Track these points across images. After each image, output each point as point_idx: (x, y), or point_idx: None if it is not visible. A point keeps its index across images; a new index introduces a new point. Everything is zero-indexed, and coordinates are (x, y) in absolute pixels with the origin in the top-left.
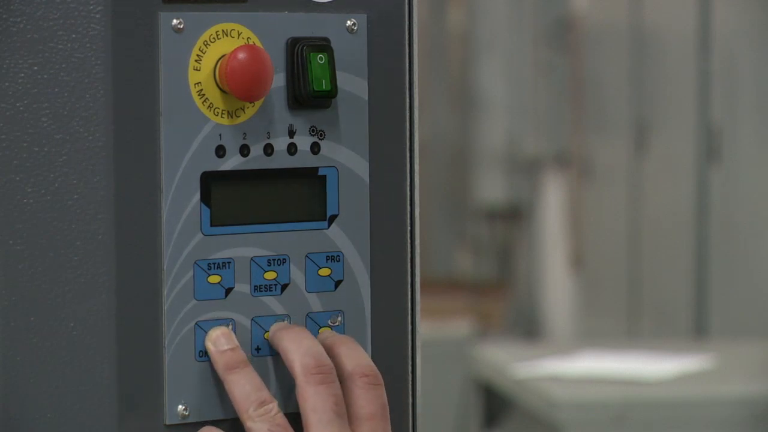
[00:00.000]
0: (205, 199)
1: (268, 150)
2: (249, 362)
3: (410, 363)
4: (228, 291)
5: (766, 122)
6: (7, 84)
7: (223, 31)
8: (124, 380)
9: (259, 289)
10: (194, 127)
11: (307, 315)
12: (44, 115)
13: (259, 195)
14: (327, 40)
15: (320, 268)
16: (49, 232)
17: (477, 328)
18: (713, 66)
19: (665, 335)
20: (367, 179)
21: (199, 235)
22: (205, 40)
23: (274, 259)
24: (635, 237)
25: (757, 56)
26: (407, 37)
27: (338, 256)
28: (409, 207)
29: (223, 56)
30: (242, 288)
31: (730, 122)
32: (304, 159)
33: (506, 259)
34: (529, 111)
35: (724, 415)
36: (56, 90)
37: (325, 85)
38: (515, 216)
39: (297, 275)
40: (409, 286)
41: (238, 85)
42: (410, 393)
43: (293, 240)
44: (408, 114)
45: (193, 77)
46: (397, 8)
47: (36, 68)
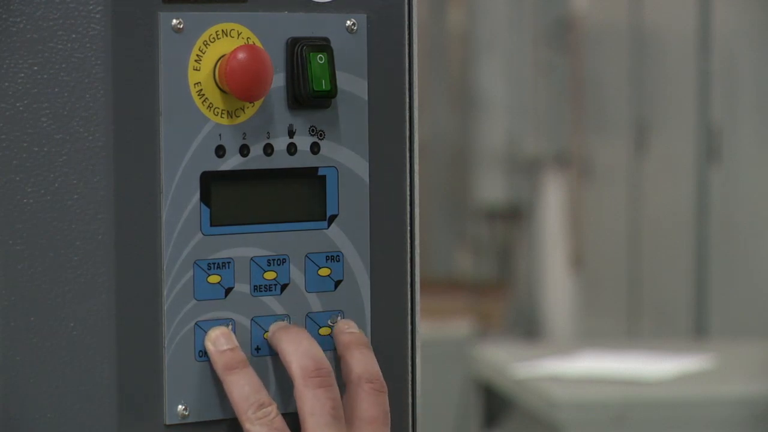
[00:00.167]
0: (205, 199)
1: (268, 150)
2: (248, 362)
3: (410, 363)
4: (228, 291)
5: (766, 122)
6: (7, 84)
7: (222, 31)
8: (124, 380)
9: (259, 289)
10: (194, 127)
11: (306, 315)
12: (44, 115)
13: (259, 195)
14: (327, 40)
15: (320, 268)
16: (49, 232)
17: (477, 328)
18: (713, 66)
19: (665, 335)
20: (367, 179)
21: (199, 235)
22: (205, 40)
23: (273, 259)
24: (635, 237)
25: (757, 56)
26: (407, 37)
27: (338, 256)
28: (409, 207)
29: (223, 56)
30: (242, 288)
31: (730, 122)
32: (303, 159)
33: (506, 259)
34: (529, 111)
35: (724, 415)
36: (56, 90)
37: (324, 85)
38: (515, 216)
39: (297, 275)
40: (409, 286)
41: (238, 85)
42: (410, 393)
43: (293, 240)
44: (408, 114)
45: (192, 77)
46: (397, 8)
47: (36, 68)
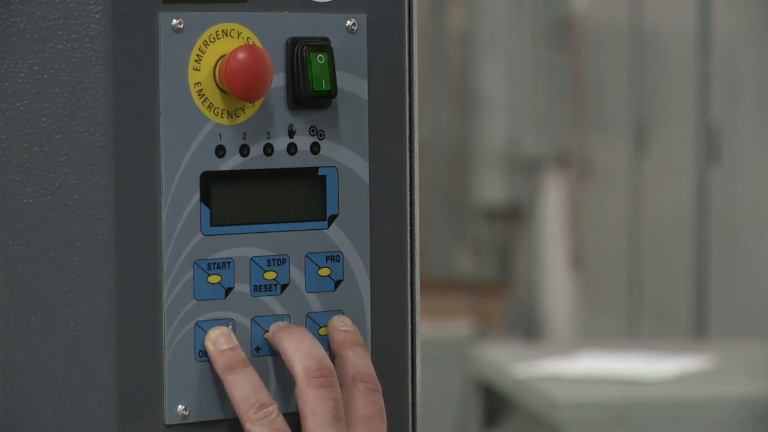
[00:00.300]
0: (205, 199)
1: (268, 150)
2: (249, 362)
3: (410, 363)
4: (228, 291)
5: (766, 122)
6: (7, 84)
7: (222, 31)
8: (124, 380)
9: (259, 289)
10: (194, 127)
11: (306, 315)
12: (44, 115)
13: (259, 195)
14: (327, 40)
15: (320, 268)
16: (49, 232)
17: (477, 328)
18: (713, 66)
19: (665, 335)
20: (367, 179)
21: (199, 235)
22: (205, 40)
23: (273, 259)
24: (635, 237)
25: (757, 56)
26: (407, 37)
27: (338, 256)
28: (409, 207)
29: (223, 56)
30: (242, 288)
31: (730, 122)
32: (304, 159)
33: (506, 259)
34: (529, 111)
35: (724, 415)
36: (56, 90)
37: (324, 85)
38: (515, 216)
39: (297, 275)
40: (409, 286)
41: (238, 85)
42: (410, 393)
43: (293, 240)
44: (408, 114)
45: (192, 77)
46: (397, 8)
47: (36, 68)
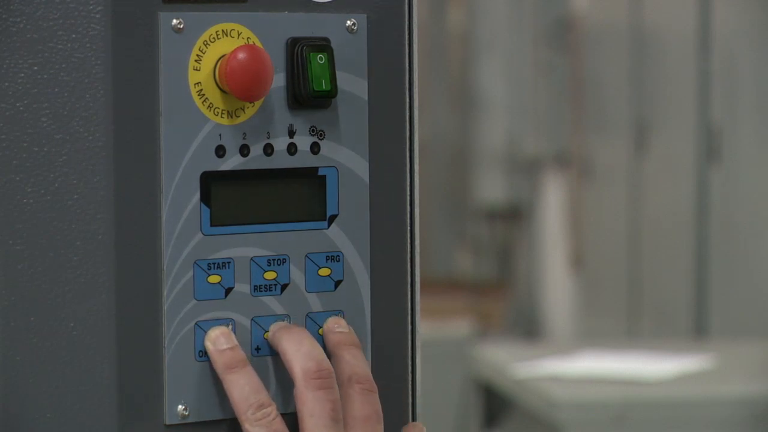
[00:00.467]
0: (205, 199)
1: (268, 150)
2: (248, 362)
3: (410, 363)
4: (228, 291)
5: (766, 122)
6: (7, 84)
7: (222, 31)
8: (124, 380)
9: (259, 289)
10: (194, 127)
11: (307, 315)
12: (44, 115)
13: (259, 195)
14: (327, 40)
15: (320, 268)
16: (49, 232)
17: (477, 328)
18: (713, 66)
19: (665, 335)
20: (367, 179)
21: (199, 235)
22: (205, 40)
23: (273, 259)
24: (635, 237)
25: (757, 56)
26: (407, 37)
27: (338, 256)
28: (409, 207)
29: (223, 56)
30: (242, 288)
31: (730, 122)
32: (304, 159)
33: (506, 259)
34: (529, 111)
35: (724, 415)
36: (56, 90)
37: (325, 85)
38: (515, 216)
39: (297, 275)
40: (409, 286)
41: (238, 85)
42: (410, 393)
43: (293, 240)
44: (408, 114)
45: (192, 77)
46: (397, 8)
47: (36, 68)
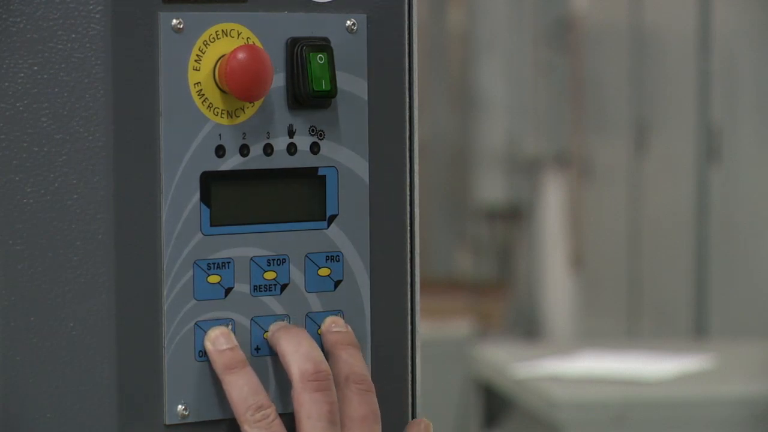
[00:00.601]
0: (205, 199)
1: (268, 150)
2: (248, 362)
3: (410, 363)
4: (228, 291)
5: (766, 122)
6: (6, 84)
7: (222, 31)
8: (123, 380)
9: (259, 289)
10: (194, 127)
11: (306, 315)
12: (44, 115)
13: (259, 195)
14: (327, 40)
15: (320, 268)
16: (48, 232)
17: (477, 328)
18: (713, 66)
19: (665, 335)
20: (367, 179)
21: (199, 235)
22: (205, 40)
23: (273, 259)
24: (635, 237)
25: (757, 56)
26: (407, 37)
27: (338, 256)
28: (409, 207)
29: (223, 56)
30: (242, 288)
31: (730, 122)
32: (303, 159)
33: (506, 259)
34: (529, 111)
35: (724, 415)
36: (56, 90)
37: (324, 85)
38: (515, 216)
39: (296, 275)
40: (409, 286)
41: (238, 85)
42: (410, 393)
43: (293, 240)
44: (408, 114)
45: (192, 77)
46: (397, 8)
47: (36, 68)
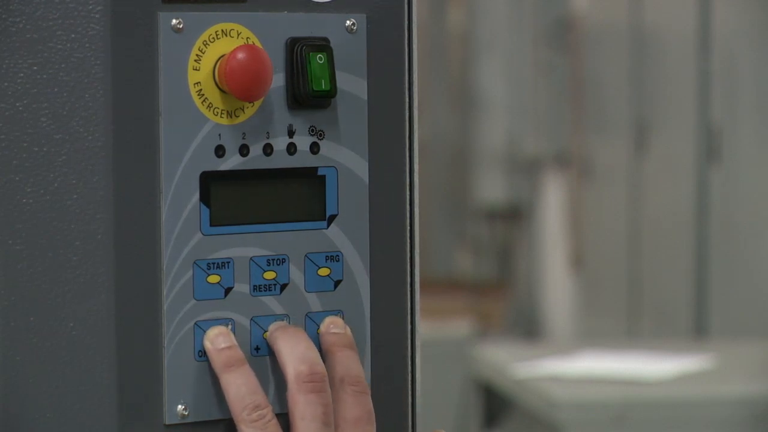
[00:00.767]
0: (205, 199)
1: (268, 150)
2: (246, 362)
3: (410, 363)
4: (227, 291)
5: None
6: (6, 84)
7: (222, 31)
8: (123, 380)
9: (259, 288)
10: (194, 127)
11: (306, 315)
12: (44, 115)
13: (259, 195)
14: (326, 40)
15: (319, 267)
16: (48, 232)
17: (477, 328)
18: (713, 66)
19: (665, 335)
20: (367, 179)
21: (199, 235)
22: (205, 40)
23: (273, 259)
24: (635, 237)
25: (757, 56)
26: (407, 37)
27: (337, 256)
28: (409, 207)
29: (223, 56)
30: (241, 288)
31: (730, 122)
32: (303, 159)
33: (506, 259)
34: (529, 111)
35: (724, 415)
36: (56, 90)
37: (324, 85)
38: (515, 216)
39: (296, 275)
40: (408, 286)
41: (238, 85)
42: (410, 393)
43: (292, 240)
44: (408, 114)
45: (192, 77)
46: (397, 8)
47: (35, 68)
